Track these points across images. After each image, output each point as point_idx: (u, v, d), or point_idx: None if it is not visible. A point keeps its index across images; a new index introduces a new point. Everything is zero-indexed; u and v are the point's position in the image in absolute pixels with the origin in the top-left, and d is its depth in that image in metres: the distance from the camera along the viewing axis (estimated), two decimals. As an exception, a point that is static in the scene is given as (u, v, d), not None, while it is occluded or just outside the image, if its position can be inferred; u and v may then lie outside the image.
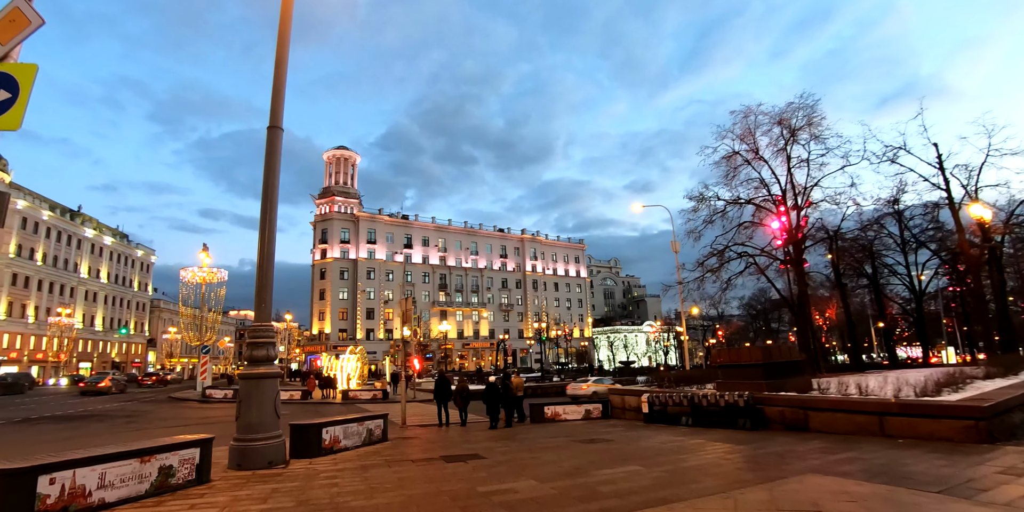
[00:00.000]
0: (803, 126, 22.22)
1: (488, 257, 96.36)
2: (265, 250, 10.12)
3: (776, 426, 12.50)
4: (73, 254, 77.33)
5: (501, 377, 17.21)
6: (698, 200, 23.77)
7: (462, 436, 14.02)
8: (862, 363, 29.53)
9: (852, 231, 25.97)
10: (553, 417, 18.13)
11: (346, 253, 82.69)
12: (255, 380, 9.40)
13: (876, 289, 30.79)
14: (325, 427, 10.58)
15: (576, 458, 9.52)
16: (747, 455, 9.17)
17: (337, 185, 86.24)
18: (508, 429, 15.56)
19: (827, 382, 13.15)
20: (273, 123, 10.83)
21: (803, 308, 22.99)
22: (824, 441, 10.24)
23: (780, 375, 14.22)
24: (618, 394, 18.99)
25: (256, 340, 9.73)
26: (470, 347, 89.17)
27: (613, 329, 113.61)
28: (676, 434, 12.68)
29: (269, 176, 10.49)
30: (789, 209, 22.82)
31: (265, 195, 10.42)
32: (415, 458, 10.04)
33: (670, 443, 11.09)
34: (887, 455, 8.45)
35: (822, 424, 11.49)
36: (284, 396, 31.48)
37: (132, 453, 6.98)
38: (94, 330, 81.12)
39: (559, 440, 12.38)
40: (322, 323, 79.95)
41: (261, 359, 9.62)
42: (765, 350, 14.18)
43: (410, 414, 20.06)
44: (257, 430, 9.19)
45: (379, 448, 11.57)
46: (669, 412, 15.43)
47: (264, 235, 10.19)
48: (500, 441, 12.61)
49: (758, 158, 23.43)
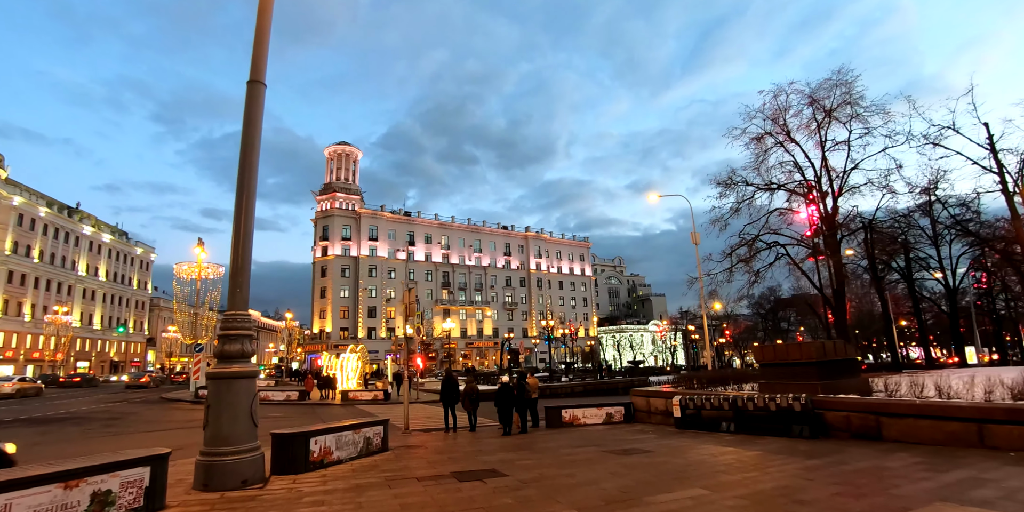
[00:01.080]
0: (840, 104, 20.52)
1: (492, 255, 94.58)
2: (242, 225, 8.43)
3: (839, 434, 10.77)
4: (71, 251, 75.88)
5: (516, 377, 15.49)
6: (725, 185, 22.03)
7: (473, 444, 12.32)
8: (899, 363, 27.78)
9: (886, 221, 24.10)
10: (571, 421, 16.43)
11: (347, 250, 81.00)
12: (226, 380, 7.72)
13: (910, 284, 28.98)
14: (314, 436, 8.87)
15: (618, 476, 7.80)
16: (831, 474, 7.44)
17: (338, 181, 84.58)
18: (524, 435, 13.86)
19: (896, 382, 11.42)
20: (254, 77, 9.21)
21: (840, 302, 21.24)
22: (912, 454, 8.51)
23: (835, 375, 12.49)
24: (642, 396, 17.28)
25: (229, 332, 8.03)
26: (473, 346, 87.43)
27: (619, 328, 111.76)
28: (721, 443, 10.95)
29: (248, 137, 8.83)
30: (824, 195, 21.10)
31: (243, 159, 8.75)
32: (421, 475, 8.33)
33: (723, 455, 9.37)
34: (1017, 474, 6.73)
35: (900, 433, 9.75)
36: (279, 397, 29.84)
37: (52, 477, 5.30)
38: (92, 329, 79.66)
39: (587, 450, 10.66)
40: (323, 322, 78.31)
41: (234, 355, 7.92)
42: (819, 346, 12.43)
43: (414, 417, 18.37)
44: (228, 442, 7.51)
45: (378, 460, 9.87)
46: (703, 416, 13.73)
47: (241, 207, 8.51)
48: (519, 452, 10.90)
49: (790, 140, 21.69)
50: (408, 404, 15.66)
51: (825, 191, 21.26)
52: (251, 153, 8.78)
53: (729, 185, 21.86)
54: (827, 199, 21.21)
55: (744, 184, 22.01)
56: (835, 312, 20.90)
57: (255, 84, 9.15)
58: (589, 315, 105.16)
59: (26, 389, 34.96)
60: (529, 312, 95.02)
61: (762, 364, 13.76)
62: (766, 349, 14.00)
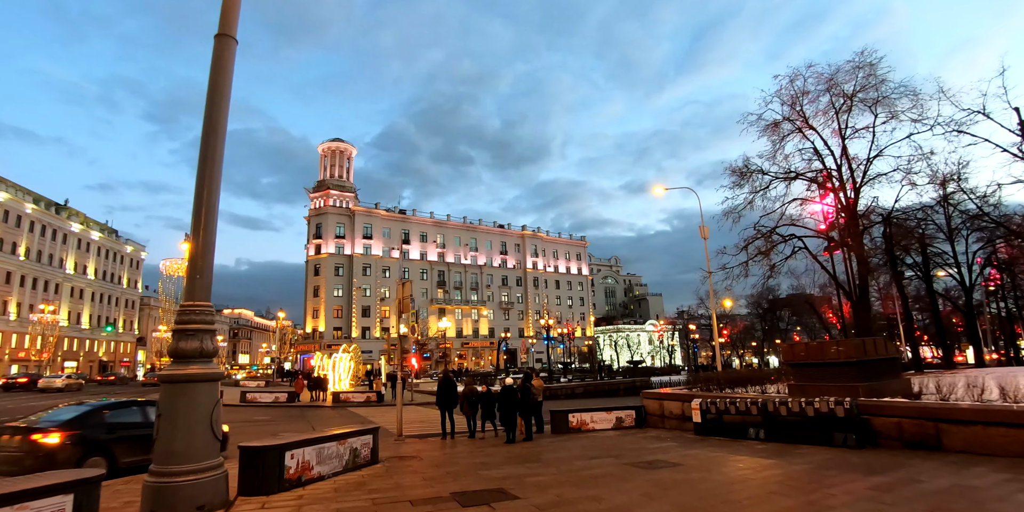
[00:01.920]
0: (863, 88, 19.28)
1: (488, 254, 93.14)
2: (205, 199, 7.11)
3: (888, 443, 9.53)
4: (58, 249, 74.12)
5: (522, 379, 14.19)
6: (740, 174, 20.77)
7: (474, 455, 11.02)
8: (920, 363, 26.63)
9: (903, 214, 22.88)
10: (579, 426, 15.15)
11: (341, 248, 79.41)
12: (182, 385, 6.41)
13: (928, 281, 27.80)
14: (290, 449, 7.54)
15: (653, 499, 6.52)
16: (912, 496, 6.17)
17: (332, 178, 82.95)
18: (529, 443, 12.58)
19: (949, 383, 10.18)
20: (223, 30, 7.96)
21: (864, 297, 20.06)
22: (992, 468, 7.26)
23: (876, 376, 11.26)
24: (655, 398, 16.02)
25: (186, 326, 6.70)
26: (469, 346, 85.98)
27: (616, 328, 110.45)
28: (755, 453, 9.70)
29: (216, 96, 7.52)
30: (845, 184, 19.90)
31: (208, 122, 7.44)
32: (415, 496, 7.03)
33: (766, 471, 8.11)
34: None
35: (965, 442, 8.51)
36: (267, 398, 28.46)
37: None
38: (80, 328, 77.89)
39: (605, 462, 9.39)
40: (316, 321, 76.73)
41: (192, 354, 6.59)
42: (858, 344, 11.18)
43: (408, 421, 17.08)
44: (182, 459, 6.19)
45: (366, 476, 8.55)
46: (725, 422, 12.48)
47: (204, 178, 7.18)
48: (527, 464, 9.60)
49: (808, 127, 20.46)
50: (401, 408, 14.35)
51: (846, 180, 20.06)
52: (218, 115, 7.47)
53: (744, 174, 20.63)
54: (848, 189, 20.01)
55: (760, 173, 20.77)
56: (857, 308, 19.71)
57: (224, 38, 7.89)
58: (586, 315, 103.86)
59: (71, 384, 44.02)
60: (526, 312, 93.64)
61: (792, 364, 12.51)
62: (797, 347, 12.75)
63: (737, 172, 20.89)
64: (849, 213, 19.55)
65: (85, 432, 8.90)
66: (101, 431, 9.18)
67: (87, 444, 8.80)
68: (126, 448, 9.25)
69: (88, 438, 8.87)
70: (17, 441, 8.33)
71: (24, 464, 7.88)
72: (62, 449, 8.39)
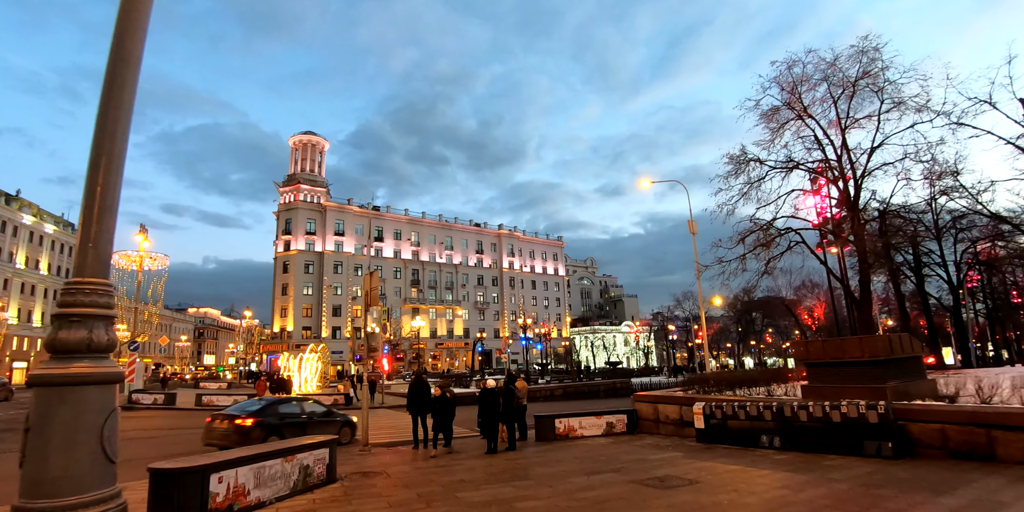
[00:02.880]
0: (865, 74, 18.33)
1: (464, 252, 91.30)
2: (108, 143, 5.43)
3: (930, 452, 8.31)
4: (8, 242, 69.95)
5: (505, 381, 12.68)
6: (736, 163, 19.62)
7: (450, 470, 9.47)
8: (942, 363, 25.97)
9: (904, 207, 22.08)
10: (566, 433, 13.77)
11: (312, 245, 76.72)
12: (59, 389, 4.72)
13: (919, 280, 27.16)
14: (217, 471, 5.89)
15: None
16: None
17: (303, 173, 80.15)
18: (513, 453, 11.09)
19: (991, 385, 9.03)
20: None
21: (865, 293, 19.10)
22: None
23: (903, 376, 10.08)
24: (649, 402, 14.71)
25: (70, 309, 4.93)
26: (443, 347, 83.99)
27: (592, 329, 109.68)
28: (777, 465, 8.39)
29: (131, 11, 5.83)
30: (845, 173, 18.92)
31: (119, 42, 5.76)
32: (379, 530, 5.48)
33: (804, 491, 6.75)
34: None
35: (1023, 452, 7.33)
36: (226, 402, 26.30)
37: None
38: (31, 326, 73.68)
39: (607, 479, 7.95)
40: (284, 320, 73.93)
41: (77, 347, 4.84)
42: (884, 341, 9.98)
43: (378, 426, 15.45)
44: (59, 490, 4.45)
45: (319, 501, 6.93)
46: (731, 427, 11.21)
47: (109, 114, 5.49)
48: (515, 482, 8.10)
49: (808, 115, 19.43)
50: (367, 413, 12.71)
51: (846, 169, 19.09)
52: (131, 41, 5.78)
53: (741, 162, 19.49)
54: (850, 180, 19.03)
55: (758, 162, 19.65)
56: (859, 305, 18.74)
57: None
58: (562, 316, 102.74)
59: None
60: (501, 312, 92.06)
61: (807, 363, 11.28)
62: (812, 345, 11.53)
63: (735, 160, 19.76)
64: (850, 206, 18.57)
65: (266, 419, 12.02)
66: (275, 418, 12.30)
67: (268, 427, 11.85)
68: (291, 431, 11.93)
69: (267, 423, 11.97)
70: (227, 424, 11.74)
71: (231, 439, 11.16)
72: (253, 430, 11.53)
